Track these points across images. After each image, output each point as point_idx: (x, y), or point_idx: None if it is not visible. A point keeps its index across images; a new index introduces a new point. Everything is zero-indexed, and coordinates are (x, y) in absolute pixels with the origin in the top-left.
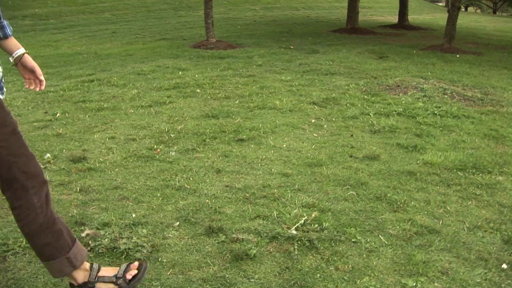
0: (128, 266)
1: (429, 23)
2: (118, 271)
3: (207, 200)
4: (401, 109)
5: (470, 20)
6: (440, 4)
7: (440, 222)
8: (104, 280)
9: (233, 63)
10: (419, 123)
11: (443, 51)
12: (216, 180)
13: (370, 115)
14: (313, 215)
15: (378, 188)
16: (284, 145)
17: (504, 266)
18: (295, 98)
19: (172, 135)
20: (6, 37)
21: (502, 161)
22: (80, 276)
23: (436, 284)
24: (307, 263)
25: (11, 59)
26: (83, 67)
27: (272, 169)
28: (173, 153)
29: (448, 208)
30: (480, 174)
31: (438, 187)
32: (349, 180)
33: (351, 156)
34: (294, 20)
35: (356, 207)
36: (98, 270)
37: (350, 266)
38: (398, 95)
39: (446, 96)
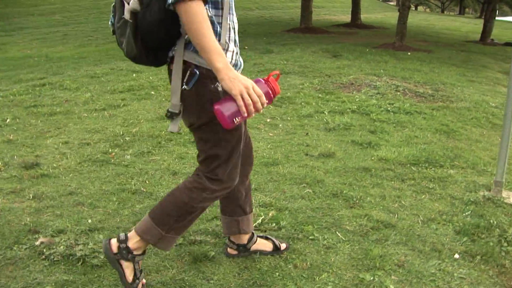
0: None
1: (381, 22)
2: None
3: None
4: (355, 107)
5: (420, 19)
6: (391, 3)
7: (396, 217)
8: (129, 266)
9: None
10: (373, 120)
11: (395, 49)
12: (172, 182)
13: (325, 113)
14: (270, 214)
15: (334, 185)
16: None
17: (457, 256)
18: None
19: (127, 138)
20: None
21: (453, 154)
22: (136, 245)
23: (393, 277)
24: (265, 262)
25: None
26: (33, 71)
27: None
28: (129, 157)
29: (402, 202)
30: (433, 168)
31: (392, 182)
32: (305, 178)
33: (306, 154)
34: (248, 20)
35: (312, 205)
36: (142, 258)
37: (308, 263)
38: (352, 93)
39: (398, 93)
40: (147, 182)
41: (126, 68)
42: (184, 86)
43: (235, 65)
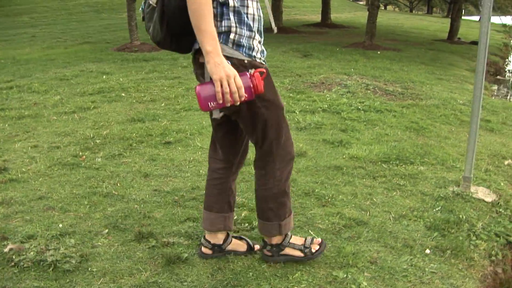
0: (312, 240)
1: (351, 21)
2: (305, 242)
3: (136, 205)
4: (326, 106)
5: (389, 18)
6: (361, 2)
7: (367, 214)
8: (294, 247)
9: (158, 66)
10: (344, 119)
11: (365, 48)
12: (144, 184)
13: (296, 113)
14: (242, 214)
15: (306, 184)
16: None
17: (428, 251)
18: None
19: (97, 141)
20: None
21: (423, 151)
22: (275, 239)
23: (366, 273)
24: (239, 262)
25: None
26: (0, 74)
27: (201, 171)
28: (99, 159)
29: (374, 199)
30: (403, 165)
31: (364, 180)
32: None
33: None
34: None
35: None
36: (290, 238)
37: (282, 262)
38: (323, 92)
39: (369, 91)
40: (118, 185)
41: (96, 70)
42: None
43: (262, 52)
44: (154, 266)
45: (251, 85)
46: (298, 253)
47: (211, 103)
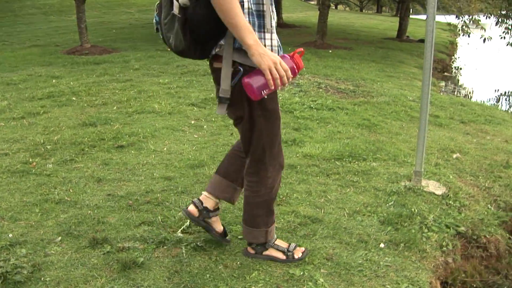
0: (295, 246)
1: (303, 21)
2: (289, 246)
3: (89, 211)
4: (279, 105)
5: (340, 17)
6: (312, 2)
7: (322, 211)
8: (278, 248)
9: (109, 68)
10: (296, 118)
11: (317, 47)
12: (97, 189)
13: None
14: None
15: None
16: (165, 149)
17: (382, 245)
18: (174, 101)
19: (48, 147)
20: None
21: (375, 148)
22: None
23: (322, 270)
24: (196, 264)
25: None
26: None
27: (154, 174)
28: (51, 165)
29: (328, 197)
30: (356, 162)
31: (318, 177)
32: None
33: None
34: None
35: (239, 204)
36: (275, 239)
37: (238, 262)
38: None
39: (321, 90)
40: (71, 190)
41: (45, 74)
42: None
43: (279, 46)
44: (110, 272)
45: (294, 66)
46: (280, 255)
47: (264, 91)
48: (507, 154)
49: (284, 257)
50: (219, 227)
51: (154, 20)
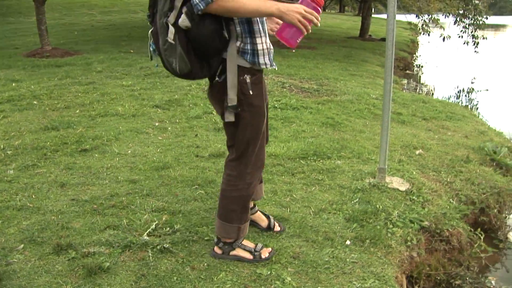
0: (262, 247)
1: None
2: (256, 246)
3: (53, 217)
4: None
5: None
6: None
7: (288, 210)
8: (245, 248)
9: (71, 71)
10: None
11: (280, 47)
12: (61, 194)
13: (213, 114)
14: (164, 218)
15: None
16: (129, 151)
17: (348, 242)
18: (137, 103)
19: (8, 152)
20: None
21: (339, 146)
22: (230, 239)
23: (289, 269)
24: (162, 267)
25: None
26: None
27: (119, 177)
28: (12, 171)
29: (294, 196)
30: (321, 160)
31: (283, 177)
32: (196, 180)
33: (197, 156)
34: (133, 23)
35: (206, 206)
36: (242, 239)
37: (205, 264)
38: None
39: (285, 90)
40: (33, 196)
41: (5, 77)
42: (217, 79)
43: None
44: (75, 278)
45: (315, 5)
46: (247, 255)
47: (298, 38)
48: (467, 149)
49: (251, 257)
50: (263, 223)
51: (150, 48)
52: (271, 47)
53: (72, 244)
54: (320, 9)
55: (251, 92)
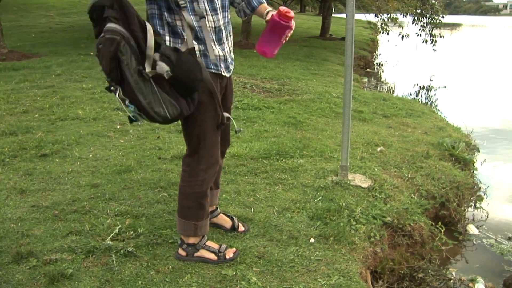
0: (226, 247)
1: None
2: (220, 247)
3: (12, 225)
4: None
5: None
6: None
7: (252, 210)
8: (209, 249)
9: (29, 75)
10: None
11: (241, 47)
12: (20, 201)
13: None
14: (127, 222)
15: None
16: (91, 155)
17: (312, 240)
18: (98, 106)
19: None
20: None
21: (302, 145)
22: (192, 239)
23: (254, 269)
24: (127, 272)
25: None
26: None
27: (81, 182)
28: None
29: (257, 195)
30: (284, 160)
31: (246, 177)
32: (159, 182)
33: (159, 158)
34: (91, 25)
35: (169, 208)
36: (206, 240)
37: (170, 267)
38: None
39: (246, 90)
40: None
41: None
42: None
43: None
44: (37, 287)
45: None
46: (212, 256)
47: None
48: (427, 145)
49: (215, 258)
50: (227, 224)
51: (129, 112)
52: (224, 54)
53: (33, 252)
54: (289, 22)
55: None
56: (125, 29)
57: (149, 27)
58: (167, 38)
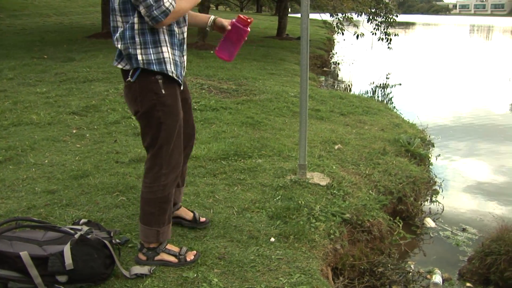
0: (187, 250)
1: None
2: (180, 250)
3: None
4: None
5: (221, 17)
6: None
7: (211, 211)
8: (170, 252)
9: None
10: None
11: (198, 48)
12: None
13: (132, 118)
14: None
15: None
16: (46, 161)
17: (272, 239)
18: (53, 110)
19: None
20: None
21: (260, 145)
22: (153, 244)
23: (215, 270)
24: None
25: (208, 28)
26: None
27: (36, 188)
28: None
29: (216, 196)
30: (242, 160)
31: (205, 178)
32: (117, 186)
33: (117, 162)
34: (46, 27)
35: (128, 212)
36: (166, 244)
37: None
38: None
39: (203, 91)
40: None
41: None
42: (129, 78)
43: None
44: None
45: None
46: (172, 259)
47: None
48: (384, 141)
49: (176, 261)
50: (188, 216)
51: None
52: (182, 61)
53: None
54: (245, 27)
55: (163, 92)
56: None
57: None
58: (138, 51)
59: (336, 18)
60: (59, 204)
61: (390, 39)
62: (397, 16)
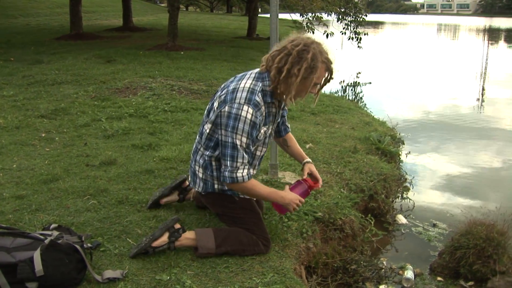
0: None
1: (154, 24)
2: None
3: None
4: (132, 110)
5: (191, 18)
6: (163, 4)
7: (183, 213)
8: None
9: None
10: (151, 122)
11: (168, 49)
12: None
13: (103, 121)
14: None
15: (119, 192)
16: (14, 165)
17: None
18: (21, 114)
19: None
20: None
21: None
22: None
23: (188, 272)
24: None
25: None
26: None
27: (4, 194)
28: None
29: None
30: None
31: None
32: (88, 190)
33: (87, 165)
34: (12, 29)
35: (99, 216)
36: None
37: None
38: (128, 97)
39: (174, 92)
40: None
41: None
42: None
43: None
44: None
45: (307, 189)
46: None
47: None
48: (355, 140)
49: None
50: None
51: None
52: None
53: None
54: (309, 192)
55: (237, 199)
56: None
57: None
58: (215, 182)
59: (306, 18)
60: (28, 210)
61: (360, 38)
62: (366, 15)
